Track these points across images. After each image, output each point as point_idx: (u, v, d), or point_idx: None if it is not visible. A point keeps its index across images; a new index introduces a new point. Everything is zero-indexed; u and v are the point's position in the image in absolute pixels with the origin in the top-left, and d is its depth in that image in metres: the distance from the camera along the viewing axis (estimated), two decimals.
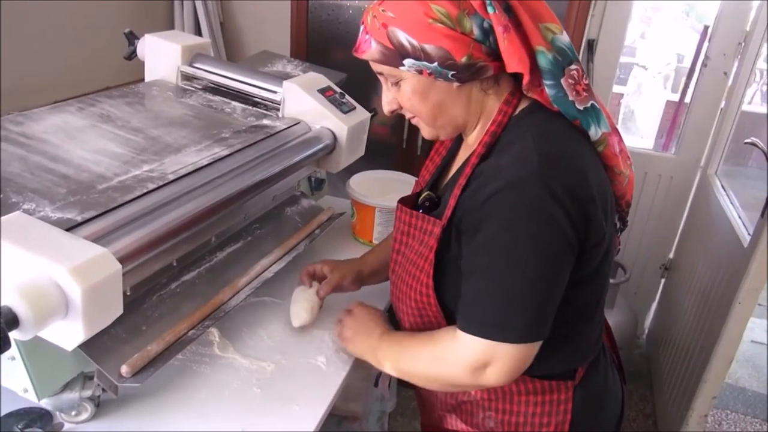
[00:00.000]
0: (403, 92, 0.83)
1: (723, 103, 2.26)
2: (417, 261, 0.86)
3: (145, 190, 0.89)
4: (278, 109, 1.29)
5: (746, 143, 1.67)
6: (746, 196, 1.98)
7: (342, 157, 1.29)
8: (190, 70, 1.35)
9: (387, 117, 2.02)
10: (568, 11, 1.90)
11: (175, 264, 0.98)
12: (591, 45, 2.28)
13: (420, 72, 0.78)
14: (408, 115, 0.88)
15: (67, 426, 0.86)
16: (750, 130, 2.24)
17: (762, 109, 2.16)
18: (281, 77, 1.32)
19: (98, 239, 0.76)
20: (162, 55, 1.36)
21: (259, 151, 1.12)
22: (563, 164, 0.76)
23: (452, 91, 0.80)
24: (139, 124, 1.11)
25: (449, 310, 0.85)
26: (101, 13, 1.99)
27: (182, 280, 1.00)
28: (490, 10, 0.74)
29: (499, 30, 0.74)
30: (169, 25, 2.34)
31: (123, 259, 0.76)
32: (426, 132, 0.89)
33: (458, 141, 0.96)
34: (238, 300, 1.03)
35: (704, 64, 2.26)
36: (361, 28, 0.81)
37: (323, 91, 1.30)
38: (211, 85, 1.36)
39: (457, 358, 0.80)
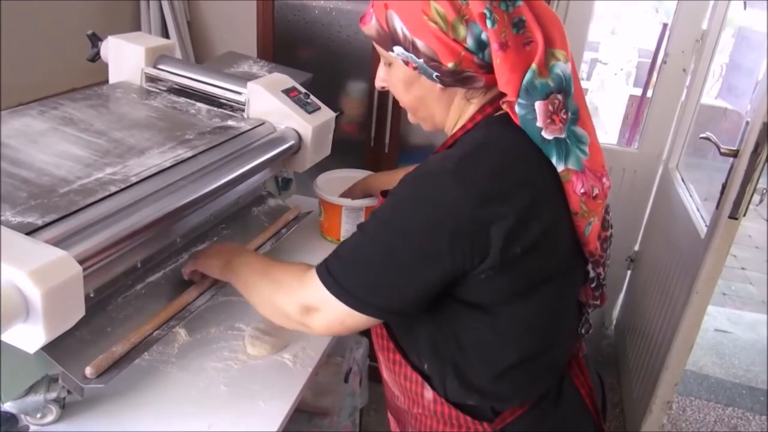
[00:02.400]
0: (392, 76, 0.83)
1: (683, 99, 2.33)
2: None
3: (107, 193, 0.90)
4: (243, 110, 1.30)
5: (701, 138, 1.73)
6: (711, 188, 2.04)
7: (307, 156, 1.30)
8: (154, 72, 1.35)
9: (355, 115, 2.04)
10: None
11: (139, 265, 0.99)
12: None
13: (406, 63, 0.78)
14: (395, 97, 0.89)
15: (32, 428, 0.87)
16: (710, 124, 2.31)
17: (722, 103, 2.23)
18: (246, 78, 1.33)
19: (59, 242, 0.77)
20: (126, 57, 1.36)
21: (223, 152, 1.13)
22: (482, 174, 0.72)
23: (435, 90, 0.80)
24: (103, 127, 1.11)
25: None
26: (65, 13, 1.97)
27: (147, 281, 1.00)
28: (489, 24, 0.71)
29: (494, 47, 0.72)
30: (136, 25, 2.32)
31: (84, 262, 0.77)
32: (410, 118, 0.90)
33: None
34: (204, 300, 1.04)
35: (664, 61, 2.33)
36: None
37: (288, 92, 1.31)
38: (176, 86, 1.36)
39: (296, 292, 0.83)
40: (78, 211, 0.84)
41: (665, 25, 2.41)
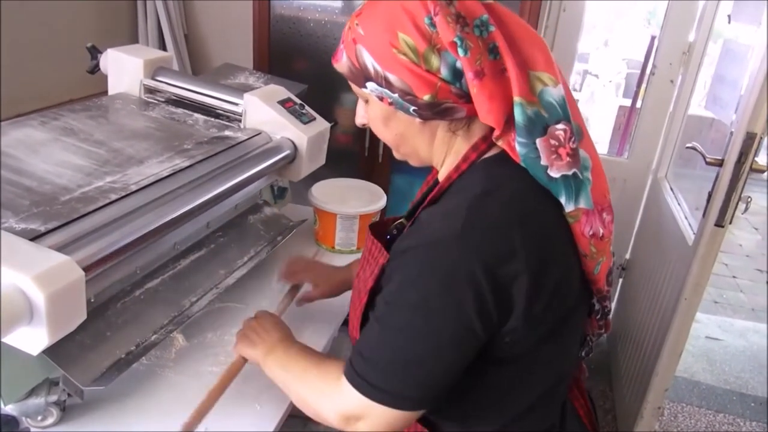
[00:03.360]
0: (370, 113, 0.79)
1: (671, 109, 2.37)
2: (361, 288, 0.82)
3: (107, 201, 0.93)
4: (240, 121, 1.34)
5: (687, 148, 1.77)
6: (700, 197, 2.08)
7: (303, 166, 1.33)
8: (152, 84, 1.38)
9: (349, 126, 2.08)
10: None
11: (138, 272, 1.01)
12: None
13: (381, 99, 0.73)
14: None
15: (33, 431, 0.88)
16: (698, 134, 2.36)
17: (709, 113, 2.28)
18: (242, 89, 1.36)
19: (61, 248, 0.79)
20: (125, 69, 1.39)
21: (220, 161, 1.16)
22: (492, 234, 0.68)
23: (415, 125, 0.75)
24: (102, 137, 1.14)
25: None
26: (64, 26, 2.00)
27: (146, 287, 1.03)
28: (461, 53, 0.66)
29: (469, 75, 0.67)
30: (133, 37, 2.36)
31: (86, 267, 0.79)
32: (395, 155, 0.85)
33: None
34: (201, 306, 1.07)
35: (652, 72, 2.37)
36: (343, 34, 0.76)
37: (283, 103, 1.34)
38: (174, 97, 1.39)
39: (335, 401, 0.76)
40: (79, 218, 0.87)
41: (653, 37, 2.46)
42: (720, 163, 1.61)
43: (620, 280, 2.72)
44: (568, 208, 0.71)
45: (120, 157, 1.08)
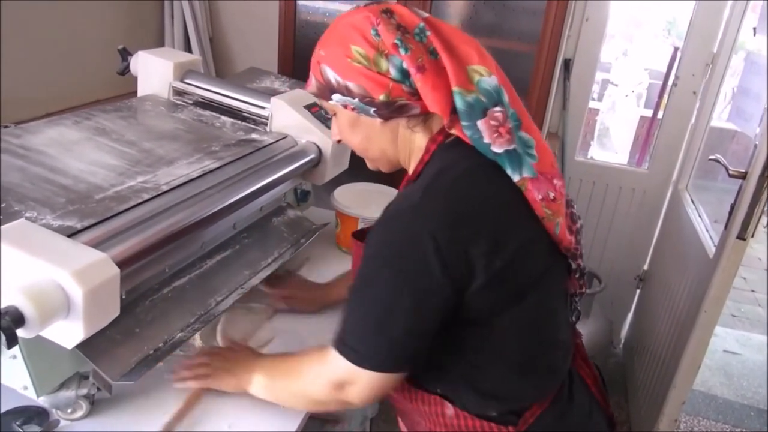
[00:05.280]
0: (338, 124, 0.89)
1: (693, 121, 2.36)
2: None
3: (140, 200, 0.95)
4: (266, 124, 1.36)
5: (710, 160, 1.76)
6: (720, 209, 2.07)
7: (327, 170, 1.35)
8: (181, 86, 1.41)
9: None
10: (543, 32, 1.99)
11: (167, 270, 1.03)
12: (567, 64, 2.38)
13: (345, 106, 0.83)
14: (349, 146, 0.93)
15: (62, 423, 0.91)
16: (720, 146, 2.34)
17: (732, 126, 2.26)
18: (269, 93, 1.38)
19: (97, 245, 0.81)
20: (154, 71, 1.42)
21: (247, 164, 1.18)
22: (447, 202, 0.77)
23: (377, 126, 0.85)
24: (133, 138, 1.16)
25: None
26: (94, 28, 2.05)
27: (173, 285, 1.05)
28: (402, 51, 0.77)
29: (412, 71, 0.77)
30: (160, 41, 2.40)
31: (120, 264, 0.81)
32: (368, 164, 0.94)
33: None
34: (226, 305, 1.08)
35: (674, 84, 2.36)
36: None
37: (309, 107, 1.36)
38: (202, 100, 1.42)
39: (322, 374, 0.84)
40: (113, 216, 0.89)
41: (676, 49, 2.46)
42: (743, 176, 1.60)
43: (637, 291, 2.71)
44: (515, 178, 0.79)
45: (151, 157, 1.10)
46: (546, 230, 0.83)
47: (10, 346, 0.67)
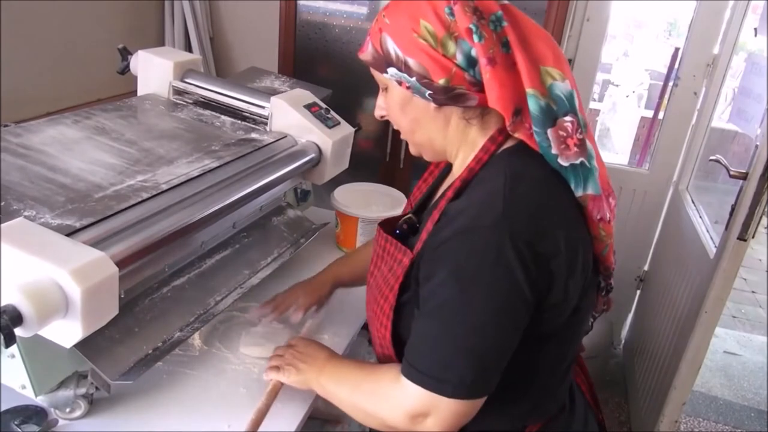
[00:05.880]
0: (388, 100, 0.83)
1: (693, 121, 2.36)
2: (383, 288, 0.83)
3: (139, 199, 0.95)
4: (266, 124, 1.35)
5: (711, 160, 1.76)
6: (721, 210, 2.07)
7: (327, 169, 1.35)
8: (181, 85, 1.41)
9: (371, 131, 2.09)
10: None
11: (166, 269, 1.03)
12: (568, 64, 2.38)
13: (400, 83, 0.78)
14: (394, 126, 0.88)
15: (61, 422, 0.90)
16: (721, 147, 2.34)
17: (732, 126, 2.26)
18: (269, 93, 1.38)
19: (96, 244, 0.81)
20: (154, 71, 1.42)
21: (247, 163, 1.17)
22: (529, 214, 0.72)
23: (429, 110, 0.79)
24: (133, 137, 1.16)
25: (402, 347, 0.81)
26: (94, 27, 2.04)
27: (173, 284, 1.04)
28: (476, 38, 0.72)
29: (482, 61, 0.72)
30: (160, 40, 2.40)
31: (118, 263, 0.81)
32: (411, 148, 0.89)
33: (450, 164, 0.91)
34: (226, 305, 1.08)
35: (675, 84, 2.36)
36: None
37: (309, 107, 1.36)
38: (202, 99, 1.42)
39: (397, 402, 0.77)
40: (112, 215, 0.89)
41: (677, 49, 2.45)
42: (744, 177, 1.60)
43: (638, 292, 2.70)
44: (578, 193, 0.76)
45: (150, 156, 1.10)
46: (593, 247, 0.81)
47: (8, 345, 0.67)
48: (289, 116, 1.33)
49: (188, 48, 2.38)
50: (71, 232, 0.81)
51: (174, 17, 2.35)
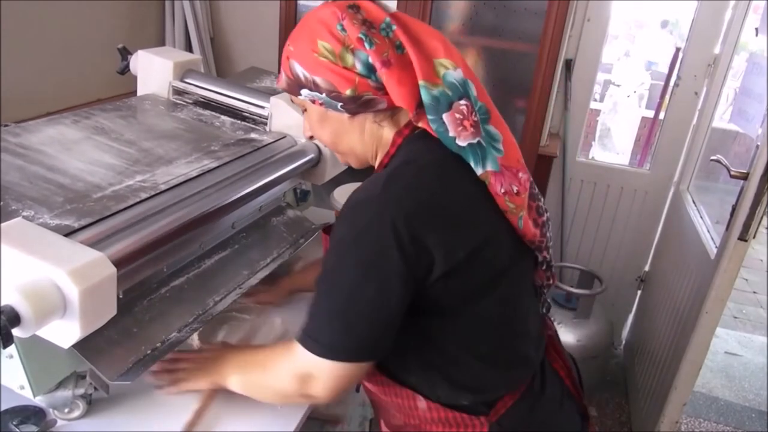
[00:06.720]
0: (308, 119, 0.90)
1: (694, 122, 2.36)
2: None
3: (137, 199, 0.94)
4: (266, 124, 1.35)
5: (712, 160, 1.76)
6: (722, 210, 2.06)
7: (326, 169, 1.35)
8: (181, 85, 1.41)
9: None
10: (544, 32, 1.98)
11: (165, 270, 1.03)
12: (568, 64, 2.37)
13: (313, 102, 0.84)
14: (320, 142, 0.94)
15: (59, 423, 0.90)
16: (722, 147, 2.33)
17: (733, 126, 2.26)
18: (269, 93, 1.38)
19: (94, 244, 0.81)
20: (154, 71, 1.42)
21: (246, 163, 1.17)
22: (408, 192, 0.77)
23: (345, 121, 0.85)
24: (132, 137, 1.16)
25: None
26: (94, 27, 2.05)
27: (171, 285, 1.04)
28: (367, 45, 0.78)
29: (377, 65, 0.78)
30: (160, 40, 2.40)
31: (117, 263, 0.81)
32: (339, 158, 0.96)
33: None
34: (225, 305, 1.08)
35: (676, 84, 2.36)
36: None
37: None
38: (202, 99, 1.42)
39: (286, 366, 0.84)
40: (111, 215, 0.89)
41: (678, 49, 2.45)
42: (745, 177, 1.60)
43: (638, 292, 2.70)
44: (478, 171, 0.80)
45: (150, 156, 1.10)
46: (510, 224, 0.85)
47: (5, 345, 0.67)
48: (289, 116, 1.33)
49: (188, 48, 2.38)
50: (69, 233, 0.81)
51: (174, 17, 2.35)
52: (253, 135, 1.30)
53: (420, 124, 0.81)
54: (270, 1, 2.31)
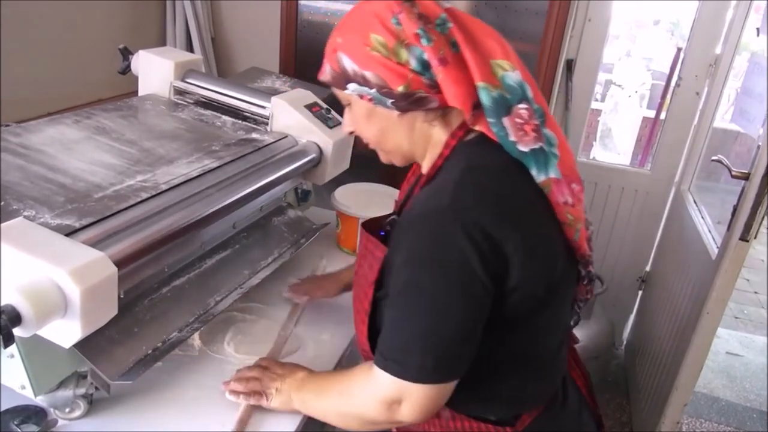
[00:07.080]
0: (352, 115, 0.86)
1: (696, 122, 2.35)
2: (364, 284, 0.85)
3: (138, 199, 0.94)
4: (267, 124, 1.35)
5: (713, 161, 1.76)
6: (723, 211, 2.06)
7: (327, 169, 1.35)
8: (182, 86, 1.41)
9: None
10: (545, 32, 1.99)
11: (166, 269, 1.03)
12: (570, 64, 2.37)
13: (361, 97, 0.80)
14: (363, 139, 0.89)
15: (60, 423, 0.90)
16: (723, 147, 2.33)
17: (735, 127, 2.26)
18: (270, 93, 1.38)
19: (95, 244, 0.81)
20: (155, 71, 1.42)
21: (247, 163, 1.17)
22: (480, 199, 0.74)
23: (393, 118, 0.81)
24: (133, 137, 1.16)
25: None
26: (95, 28, 2.05)
27: (173, 285, 1.04)
28: (424, 42, 0.74)
29: (434, 63, 0.75)
30: (161, 40, 2.40)
31: (118, 263, 0.81)
32: (381, 156, 0.91)
33: None
34: (226, 305, 1.08)
35: (677, 84, 2.36)
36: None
37: (310, 107, 1.36)
38: (203, 99, 1.42)
39: (371, 392, 0.79)
40: (112, 215, 0.89)
41: (679, 49, 2.45)
42: (746, 177, 1.59)
43: (639, 293, 2.70)
44: (540, 178, 0.78)
45: (151, 156, 1.10)
46: (564, 235, 0.82)
47: (6, 345, 0.67)
48: (290, 116, 1.33)
49: (189, 48, 2.39)
50: (70, 232, 0.81)
51: (175, 17, 2.35)
52: (254, 135, 1.30)
53: (477, 127, 0.79)
54: (271, 1, 2.31)
